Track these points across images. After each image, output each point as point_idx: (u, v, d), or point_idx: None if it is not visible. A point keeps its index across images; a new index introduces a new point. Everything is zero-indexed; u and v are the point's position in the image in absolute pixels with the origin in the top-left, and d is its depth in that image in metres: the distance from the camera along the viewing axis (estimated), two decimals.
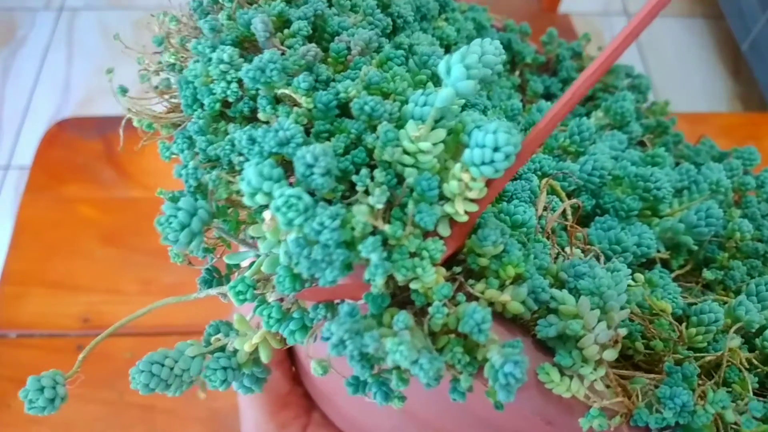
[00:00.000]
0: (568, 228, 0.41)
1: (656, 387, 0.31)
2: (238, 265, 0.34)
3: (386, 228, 0.25)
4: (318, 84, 0.31)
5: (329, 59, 0.32)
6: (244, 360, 0.32)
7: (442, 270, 0.28)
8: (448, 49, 0.51)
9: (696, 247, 0.46)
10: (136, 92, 0.36)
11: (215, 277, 0.35)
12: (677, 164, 0.59)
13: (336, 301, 0.30)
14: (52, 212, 0.76)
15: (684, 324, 0.38)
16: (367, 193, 0.27)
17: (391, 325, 0.27)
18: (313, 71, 0.31)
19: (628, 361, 0.38)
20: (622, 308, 0.29)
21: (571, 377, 0.28)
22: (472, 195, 0.26)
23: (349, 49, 0.32)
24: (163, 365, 0.31)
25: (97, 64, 1.53)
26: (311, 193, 0.27)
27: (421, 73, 0.32)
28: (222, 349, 0.33)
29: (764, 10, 1.19)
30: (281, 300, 0.30)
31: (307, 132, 0.30)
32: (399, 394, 0.28)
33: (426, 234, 0.28)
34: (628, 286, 0.42)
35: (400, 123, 0.28)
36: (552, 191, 0.44)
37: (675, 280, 0.47)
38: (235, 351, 0.32)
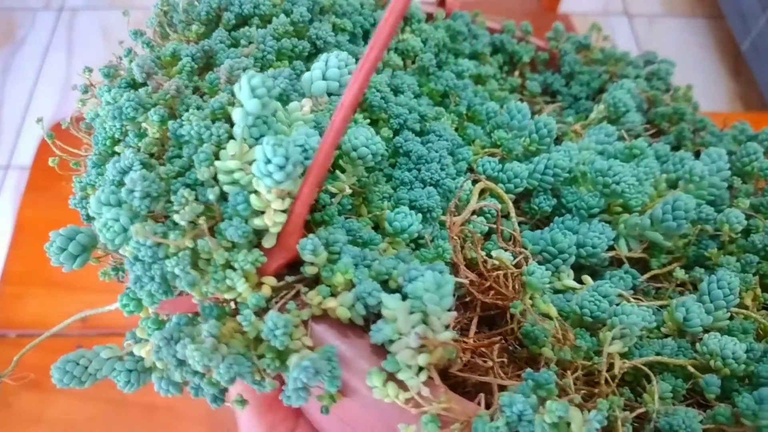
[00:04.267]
0: (498, 231, 0.40)
1: None
2: None
3: (188, 242, 0.27)
4: None
5: (206, 89, 0.35)
6: (150, 364, 0.35)
7: (272, 279, 0.30)
8: (414, 60, 0.51)
9: (668, 243, 0.42)
10: None
11: None
12: (697, 153, 0.53)
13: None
14: (52, 212, 0.72)
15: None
16: None
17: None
18: (184, 102, 0.34)
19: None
20: (450, 310, 0.28)
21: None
22: (276, 206, 0.28)
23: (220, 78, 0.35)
24: (78, 364, 0.35)
25: (97, 64, 1.50)
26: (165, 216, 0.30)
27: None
28: (132, 353, 0.36)
29: (764, 10, 1.14)
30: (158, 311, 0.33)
31: None
32: (240, 399, 0.30)
33: (258, 246, 0.30)
34: (572, 289, 0.40)
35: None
36: (494, 195, 0.43)
37: (653, 279, 0.43)
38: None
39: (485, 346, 0.34)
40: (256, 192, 0.28)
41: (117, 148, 0.33)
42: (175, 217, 0.28)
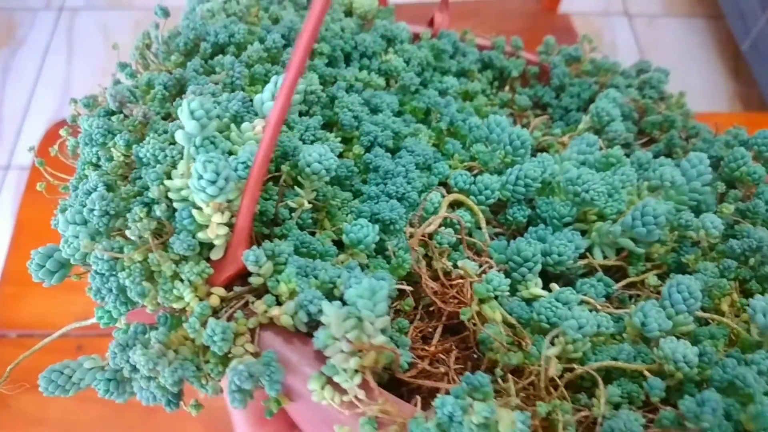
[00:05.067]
0: (463, 241, 0.40)
1: None
2: None
3: (137, 256, 0.29)
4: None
5: (176, 114, 0.38)
6: (129, 374, 0.38)
7: (221, 290, 0.31)
8: (397, 80, 0.53)
9: (641, 250, 0.42)
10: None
11: None
12: None
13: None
14: (52, 212, 0.76)
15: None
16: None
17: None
18: (153, 128, 0.36)
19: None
20: (381, 316, 0.29)
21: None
22: (216, 220, 0.29)
23: None
24: (62, 373, 0.37)
25: (97, 64, 1.51)
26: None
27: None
28: None
29: (764, 10, 1.14)
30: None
31: None
32: (195, 403, 0.32)
33: (209, 260, 0.31)
34: (537, 296, 0.40)
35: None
36: (466, 207, 0.43)
37: (632, 287, 0.43)
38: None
39: (441, 352, 0.35)
40: (199, 207, 0.30)
41: (88, 172, 0.36)
42: (127, 233, 0.30)
